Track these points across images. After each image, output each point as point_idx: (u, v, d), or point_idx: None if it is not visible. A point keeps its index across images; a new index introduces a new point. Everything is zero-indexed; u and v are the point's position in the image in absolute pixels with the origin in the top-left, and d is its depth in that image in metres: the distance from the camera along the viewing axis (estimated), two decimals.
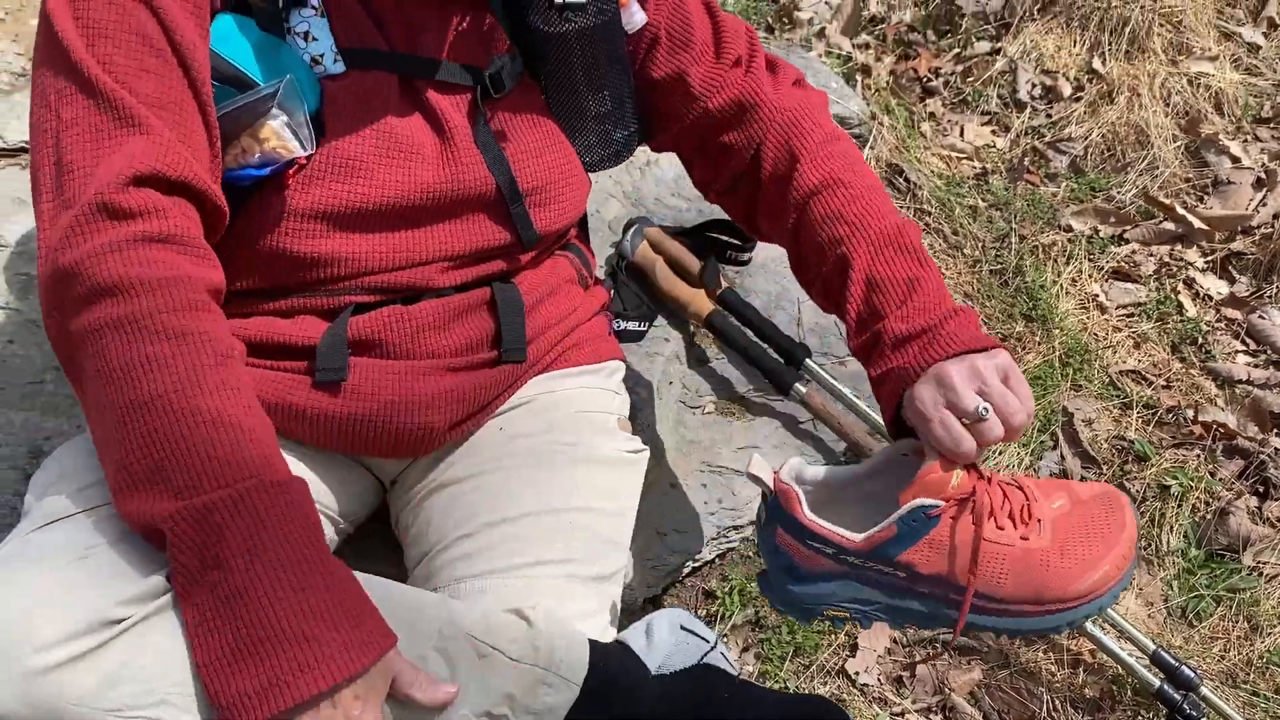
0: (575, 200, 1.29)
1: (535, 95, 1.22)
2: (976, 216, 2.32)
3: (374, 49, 1.11)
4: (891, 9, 2.84)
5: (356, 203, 1.10)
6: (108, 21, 0.96)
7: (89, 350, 0.90)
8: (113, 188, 0.91)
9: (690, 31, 1.28)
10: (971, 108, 2.61)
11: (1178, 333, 2.14)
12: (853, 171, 1.25)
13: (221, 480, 0.88)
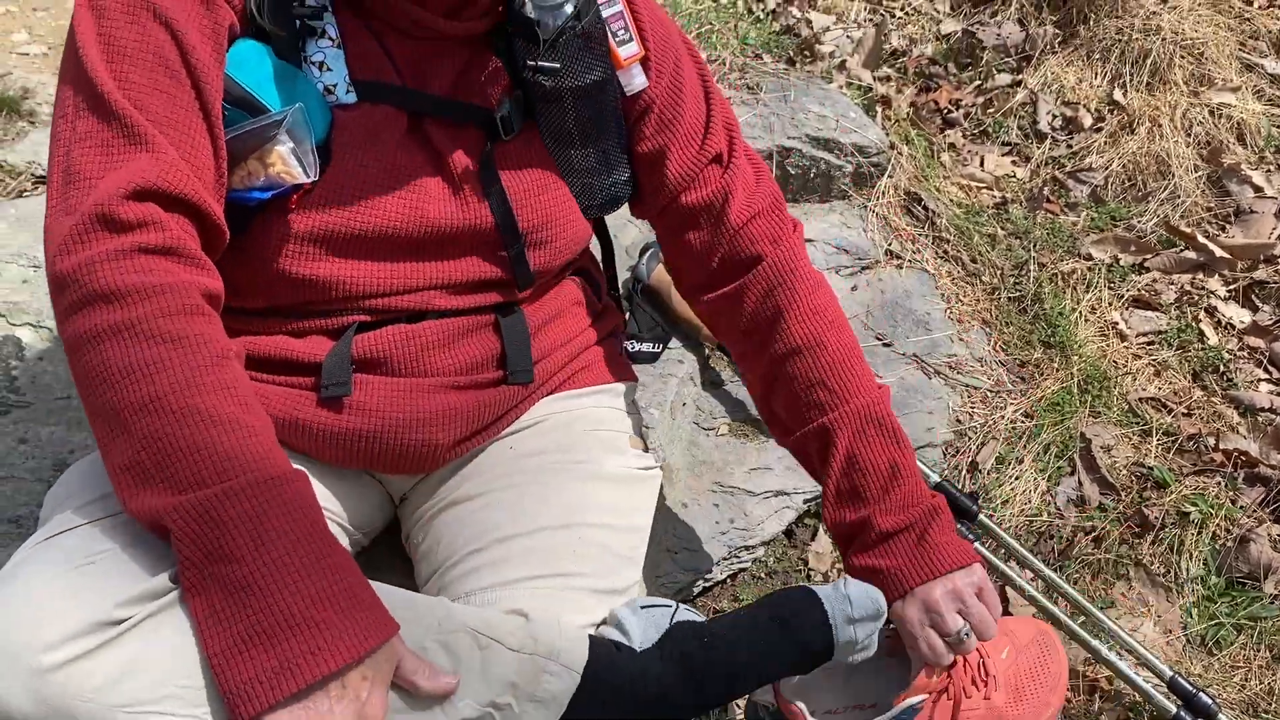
0: (572, 241, 1.29)
1: (537, 139, 1.23)
2: (995, 244, 2.32)
3: (386, 83, 1.14)
4: (913, 43, 2.87)
5: (355, 229, 1.12)
6: (128, 41, 1.00)
7: (90, 355, 0.93)
8: (113, 200, 0.94)
9: (680, 112, 1.28)
10: (992, 139, 2.63)
11: (1199, 360, 2.12)
12: (835, 330, 1.30)
13: (224, 474, 0.90)
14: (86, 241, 0.94)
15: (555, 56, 1.15)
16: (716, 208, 1.31)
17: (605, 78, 1.20)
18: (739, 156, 1.34)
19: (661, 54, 1.27)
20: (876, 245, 2.27)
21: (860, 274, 2.22)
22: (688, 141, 1.29)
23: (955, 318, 2.16)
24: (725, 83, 2.46)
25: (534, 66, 1.15)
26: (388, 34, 1.13)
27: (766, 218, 1.33)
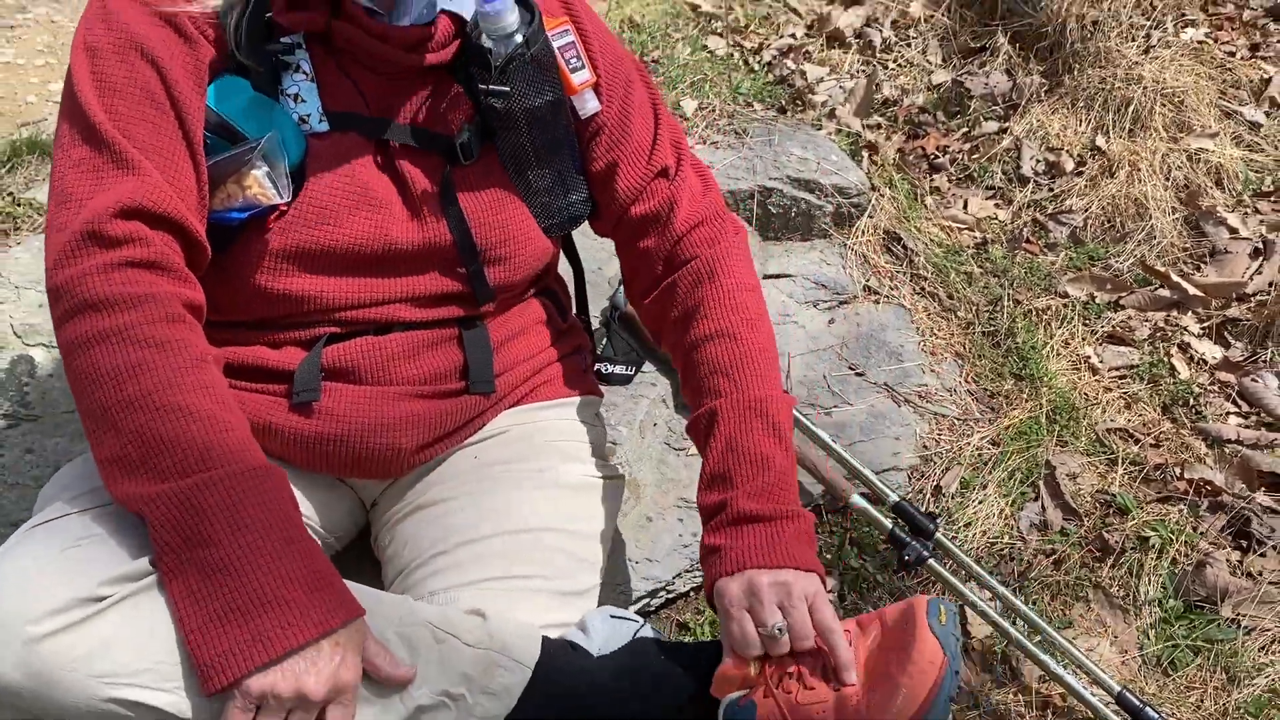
0: (531, 258, 1.37)
1: (496, 162, 1.32)
2: (973, 282, 2.40)
3: (355, 113, 1.24)
4: (905, 92, 2.97)
5: (326, 247, 1.22)
6: (118, 77, 1.11)
7: (81, 359, 1.04)
8: (102, 218, 1.05)
9: (629, 130, 1.37)
10: (977, 183, 2.71)
11: (1169, 394, 2.17)
12: (749, 327, 1.34)
13: (204, 465, 1.01)
14: (78, 256, 1.05)
15: (507, 81, 1.25)
16: (663, 217, 1.39)
17: (557, 101, 1.29)
18: (686, 169, 1.43)
19: (612, 78, 1.36)
20: (855, 281, 2.35)
21: (838, 308, 2.30)
22: (636, 157, 1.38)
23: (929, 350, 2.23)
24: (714, 128, 2.58)
25: (486, 90, 1.25)
26: (355, 68, 1.23)
27: (709, 225, 1.41)
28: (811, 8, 3.20)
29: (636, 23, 3.00)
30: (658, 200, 1.39)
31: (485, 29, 1.22)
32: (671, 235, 1.40)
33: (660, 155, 1.39)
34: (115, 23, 1.12)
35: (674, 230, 1.39)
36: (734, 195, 2.39)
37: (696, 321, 1.36)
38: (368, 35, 1.19)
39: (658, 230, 1.40)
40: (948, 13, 3.09)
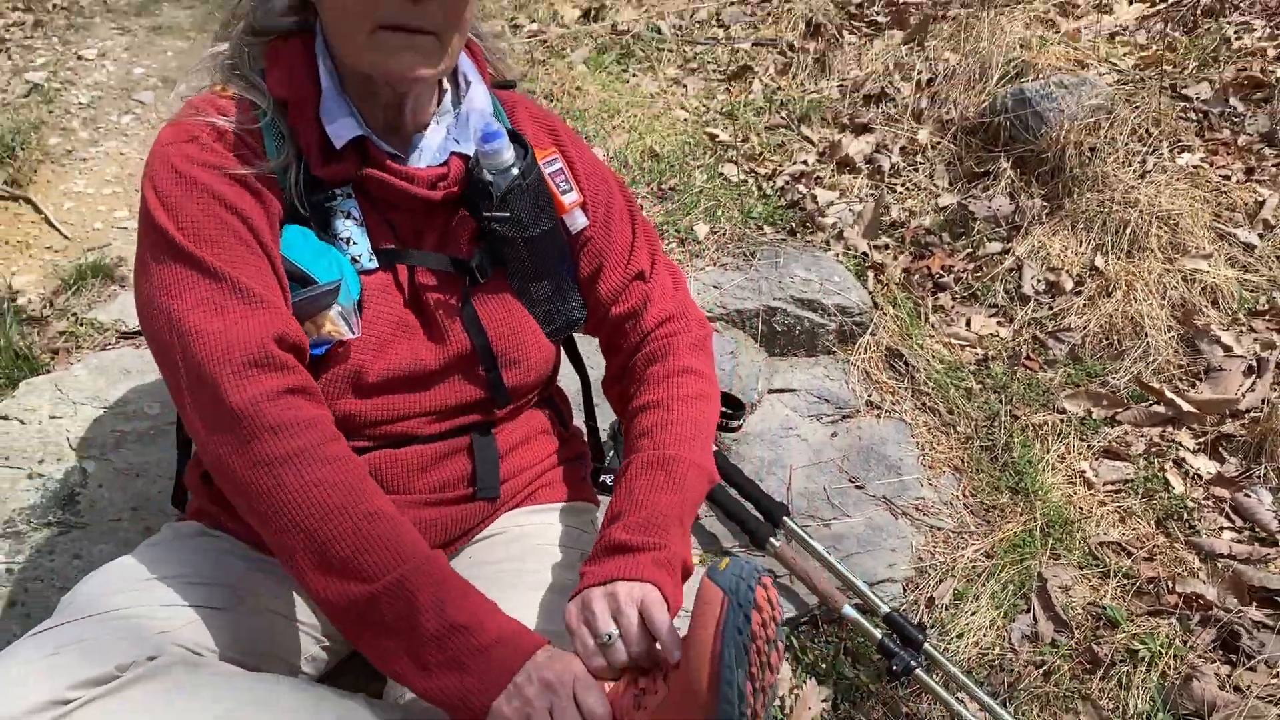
0: (540, 361, 1.51)
1: (504, 278, 1.48)
2: (972, 398, 2.49)
3: (390, 247, 1.40)
4: (913, 214, 3.12)
5: (371, 373, 1.36)
6: (210, 229, 1.24)
7: (266, 478, 1.16)
8: (255, 348, 1.19)
9: (611, 240, 1.53)
10: (980, 301, 2.82)
11: (1164, 508, 2.23)
12: (683, 402, 1.46)
13: (401, 560, 1.16)
14: (246, 384, 1.17)
15: (508, 208, 1.40)
16: (638, 314, 1.55)
17: (551, 221, 1.45)
18: (659, 270, 1.59)
19: (595, 195, 1.53)
20: (857, 396, 2.46)
21: (840, 422, 2.40)
22: (616, 262, 1.53)
23: (927, 464, 2.32)
24: (724, 251, 2.73)
25: (490, 217, 1.40)
26: (386, 207, 1.39)
27: (674, 320, 1.57)
28: (824, 135, 3.39)
29: (656, 153, 3.20)
30: (635, 300, 1.54)
31: (485, 165, 1.38)
32: (642, 330, 1.55)
33: (637, 259, 1.55)
34: (193, 183, 1.25)
35: (645, 326, 1.55)
36: (741, 314, 2.52)
37: (637, 395, 1.50)
38: (395, 178, 1.35)
39: (633, 327, 1.55)
40: (953, 140, 3.25)
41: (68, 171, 3.19)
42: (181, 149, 1.27)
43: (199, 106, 1.31)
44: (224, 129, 1.28)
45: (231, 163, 1.27)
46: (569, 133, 1.55)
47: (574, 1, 4.19)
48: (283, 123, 1.31)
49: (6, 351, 2.41)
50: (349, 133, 1.30)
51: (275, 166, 1.30)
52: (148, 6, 4.25)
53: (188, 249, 1.22)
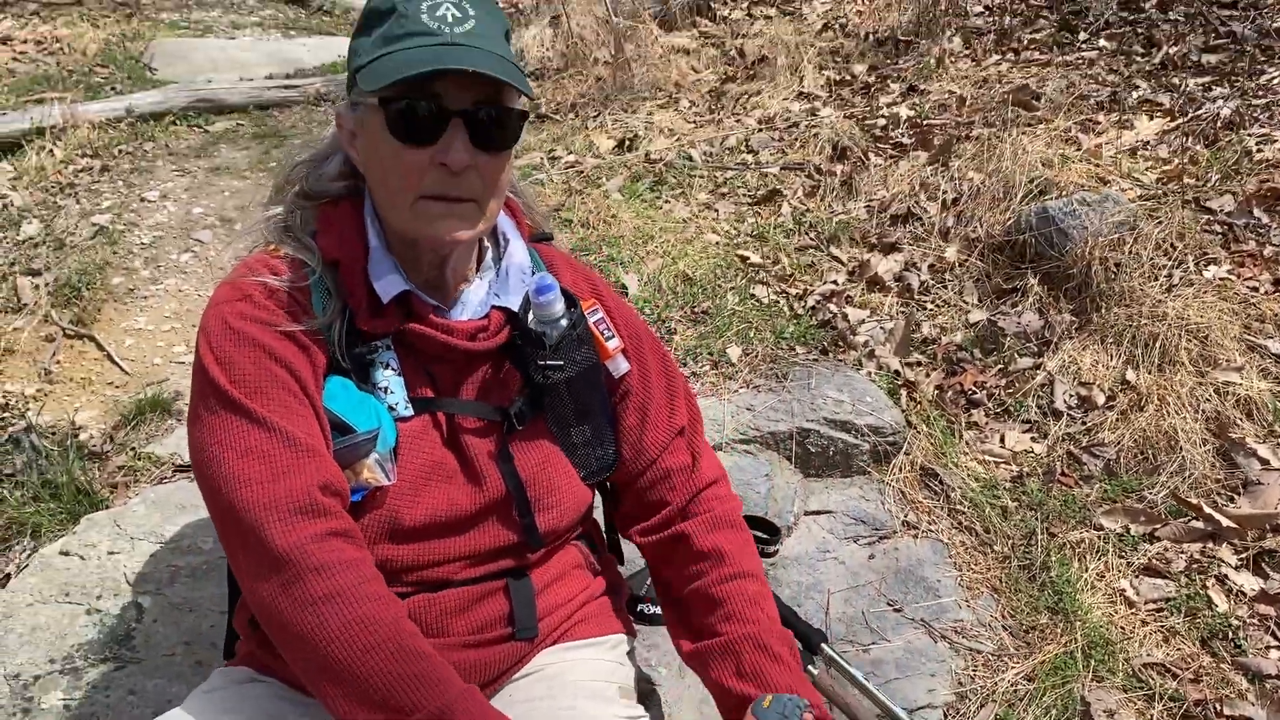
0: (574, 505, 1.55)
1: (542, 423, 1.53)
2: (1008, 516, 2.50)
3: (428, 396, 1.46)
4: (944, 331, 3.17)
5: (407, 519, 1.42)
6: (262, 380, 1.32)
7: (308, 616, 1.22)
8: (300, 495, 1.26)
9: (650, 390, 1.59)
10: (1013, 417, 2.85)
11: (1208, 627, 2.21)
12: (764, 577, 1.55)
13: (439, 694, 1.20)
14: (291, 528, 1.24)
15: (557, 357, 1.48)
16: (685, 471, 1.59)
17: (594, 368, 1.52)
18: (699, 428, 1.64)
19: (634, 343, 1.60)
20: (894, 517, 2.48)
21: (877, 544, 2.42)
22: (659, 416, 1.59)
23: (965, 585, 2.32)
24: (756, 373, 2.80)
25: (542, 366, 1.48)
26: (426, 358, 1.46)
27: (722, 484, 1.62)
28: (853, 255, 3.48)
29: (689, 276, 3.30)
30: (682, 456, 1.59)
31: (537, 315, 1.46)
32: (691, 488, 1.59)
33: (679, 415, 1.61)
34: (245, 337, 1.34)
35: (695, 484, 1.59)
36: (774, 436, 2.57)
37: (721, 563, 1.53)
38: (436, 331, 1.42)
39: (683, 482, 1.59)
40: (980, 257, 3.33)
41: (129, 309, 3.35)
42: (235, 307, 1.35)
43: (252, 266, 1.40)
44: (275, 287, 1.37)
45: (282, 319, 1.35)
46: (605, 284, 1.64)
47: (609, 133, 4.38)
48: (331, 281, 1.40)
49: (69, 487, 2.51)
50: (395, 289, 1.38)
51: (321, 323, 1.38)
52: (206, 149, 4.50)
53: (239, 400, 1.29)
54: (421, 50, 1.26)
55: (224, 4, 6.91)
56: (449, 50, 1.26)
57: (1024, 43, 4.75)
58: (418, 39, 1.26)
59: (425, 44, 1.26)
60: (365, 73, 1.28)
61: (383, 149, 1.31)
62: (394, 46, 1.27)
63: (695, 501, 1.59)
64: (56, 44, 5.60)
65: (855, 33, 5.25)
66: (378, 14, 1.31)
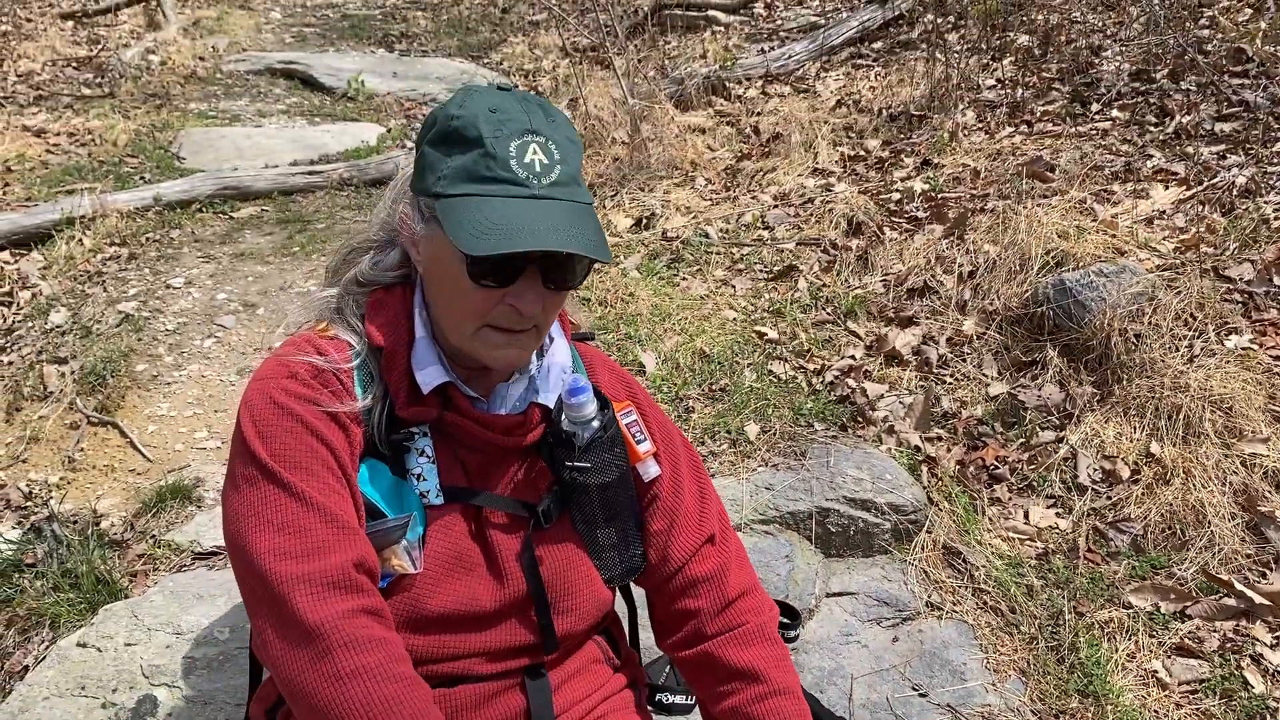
0: (594, 608, 1.54)
1: (568, 523, 1.53)
2: (1034, 595, 2.46)
3: (460, 486, 1.46)
4: (964, 405, 3.15)
5: (425, 609, 1.41)
6: (302, 457, 1.33)
7: (334, 691, 1.21)
8: (334, 571, 1.26)
9: (680, 497, 1.59)
10: (1036, 492, 2.81)
11: (1244, 709, 2.15)
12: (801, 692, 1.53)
13: None
14: (323, 603, 1.24)
15: (587, 458, 1.47)
16: (714, 581, 1.57)
17: (624, 471, 1.52)
18: (730, 537, 1.62)
19: (667, 447, 1.60)
20: (917, 597, 2.44)
21: (901, 625, 2.38)
22: (688, 523, 1.58)
23: (992, 667, 2.27)
24: (775, 451, 2.78)
25: (571, 467, 1.47)
26: (462, 449, 1.46)
27: (754, 595, 1.59)
28: (870, 329, 3.48)
29: (707, 353, 3.31)
30: (709, 566, 1.57)
31: (569, 415, 1.46)
32: (723, 598, 1.56)
33: (709, 523, 1.59)
34: (287, 412, 1.35)
35: (726, 594, 1.56)
36: (794, 516, 2.55)
37: (756, 681, 1.51)
38: (473, 423, 1.43)
39: (709, 592, 1.57)
40: (999, 329, 3.32)
41: (152, 395, 3.39)
42: (280, 383, 1.37)
43: (299, 345, 1.42)
44: (320, 367, 1.38)
45: (325, 399, 1.37)
46: (641, 388, 1.65)
47: (626, 211, 4.43)
48: (375, 365, 1.41)
49: (89, 577, 2.52)
50: (436, 379, 1.39)
51: (363, 406, 1.39)
52: (231, 235, 4.59)
53: (278, 472, 1.30)
54: (511, 205, 1.24)
55: (251, 93, 7.11)
56: (540, 209, 1.25)
57: (1037, 114, 4.80)
58: (506, 188, 1.25)
59: (515, 195, 1.25)
60: (448, 210, 1.26)
61: (453, 280, 1.32)
62: (481, 190, 1.25)
63: (725, 614, 1.56)
64: (89, 135, 5.76)
65: (868, 108, 5.32)
66: (460, 139, 1.27)
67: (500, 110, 1.27)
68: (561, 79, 6.75)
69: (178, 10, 9.00)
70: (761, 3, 7.98)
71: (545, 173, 1.26)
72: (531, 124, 1.27)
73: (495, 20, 9.47)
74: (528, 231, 1.22)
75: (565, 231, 1.24)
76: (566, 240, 1.24)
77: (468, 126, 1.26)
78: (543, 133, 1.27)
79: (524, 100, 1.30)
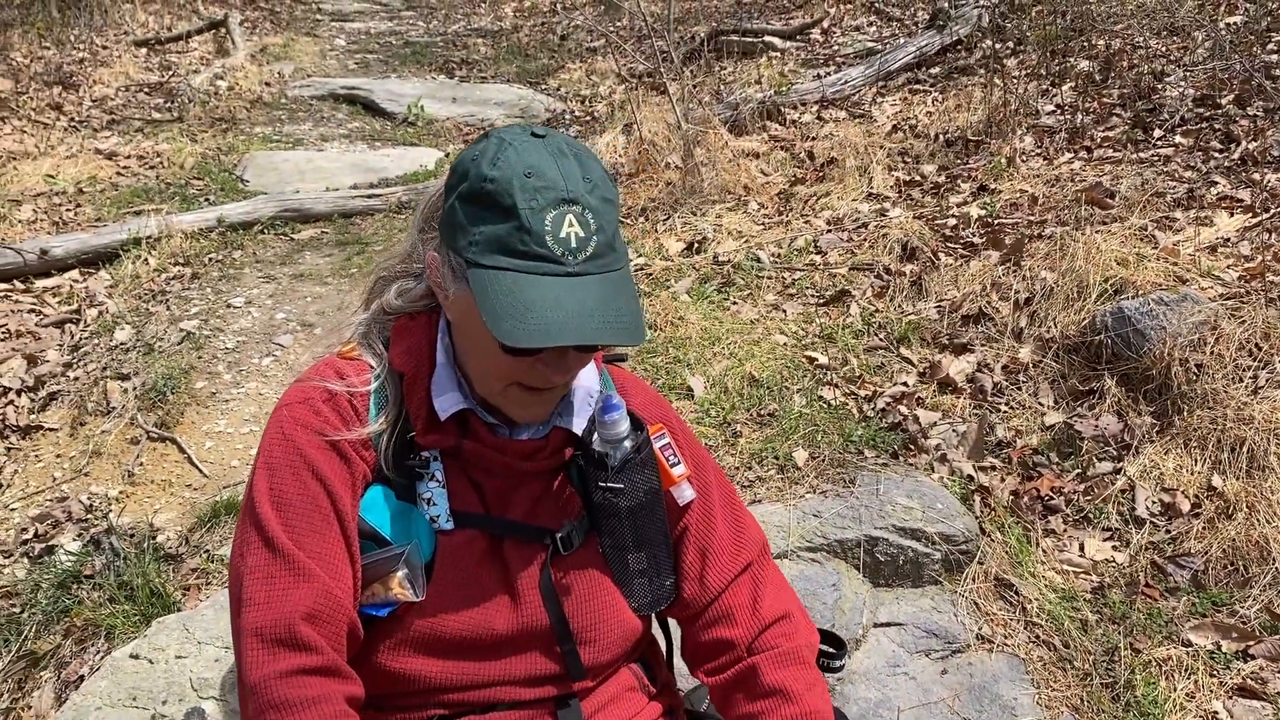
0: (621, 637, 1.51)
1: (594, 550, 1.50)
2: (1088, 630, 2.40)
3: (475, 513, 1.45)
4: (1019, 434, 3.09)
5: (439, 634, 1.41)
6: (291, 492, 1.35)
7: None
8: (286, 625, 1.28)
9: (713, 525, 1.55)
10: (1092, 524, 2.75)
11: None
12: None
13: None
14: (265, 661, 1.26)
15: (619, 479, 1.45)
16: (751, 606, 1.53)
17: (656, 495, 1.49)
18: (767, 563, 1.59)
19: (698, 475, 1.57)
20: (967, 629, 2.40)
21: (950, 658, 2.33)
22: (721, 553, 1.55)
23: (1044, 703, 2.22)
24: (824, 478, 2.75)
25: (604, 488, 1.45)
26: (478, 473, 1.46)
27: (789, 621, 1.54)
28: (923, 356, 3.44)
29: (756, 378, 3.29)
30: (745, 594, 1.54)
31: (601, 435, 1.44)
32: (758, 623, 1.52)
33: (745, 552, 1.56)
34: (292, 446, 1.37)
35: (761, 619, 1.52)
36: (842, 545, 2.52)
37: (787, 702, 1.46)
38: (490, 448, 1.42)
39: (744, 619, 1.53)
40: (1055, 358, 3.26)
41: (211, 412, 3.46)
42: (294, 411, 1.39)
43: (320, 369, 1.44)
44: (335, 392, 1.40)
45: (332, 427, 1.38)
46: (674, 411, 1.63)
47: (678, 235, 4.44)
48: (394, 389, 1.42)
49: (144, 590, 2.57)
50: (454, 406, 1.39)
51: (374, 430, 1.40)
52: (291, 256, 4.68)
53: (264, 514, 1.32)
54: (547, 287, 1.21)
55: (314, 118, 7.26)
56: (576, 290, 1.22)
57: (1097, 140, 4.73)
58: (541, 264, 1.21)
59: (550, 274, 1.21)
60: (481, 283, 1.23)
61: (484, 343, 1.30)
62: (515, 265, 1.22)
63: (761, 638, 1.52)
64: (157, 158, 5.93)
65: (925, 133, 5.29)
66: (494, 205, 1.23)
67: (536, 173, 1.22)
68: (617, 104, 6.81)
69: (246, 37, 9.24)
70: (818, 29, 7.99)
71: (582, 247, 1.22)
72: (568, 190, 1.22)
73: (553, 47, 9.59)
74: (560, 323, 1.19)
75: (600, 316, 1.21)
76: (601, 329, 1.20)
77: (502, 193, 1.21)
78: (580, 200, 1.22)
79: (559, 154, 1.25)
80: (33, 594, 2.68)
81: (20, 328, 3.97)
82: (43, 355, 3.81)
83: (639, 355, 3.55)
